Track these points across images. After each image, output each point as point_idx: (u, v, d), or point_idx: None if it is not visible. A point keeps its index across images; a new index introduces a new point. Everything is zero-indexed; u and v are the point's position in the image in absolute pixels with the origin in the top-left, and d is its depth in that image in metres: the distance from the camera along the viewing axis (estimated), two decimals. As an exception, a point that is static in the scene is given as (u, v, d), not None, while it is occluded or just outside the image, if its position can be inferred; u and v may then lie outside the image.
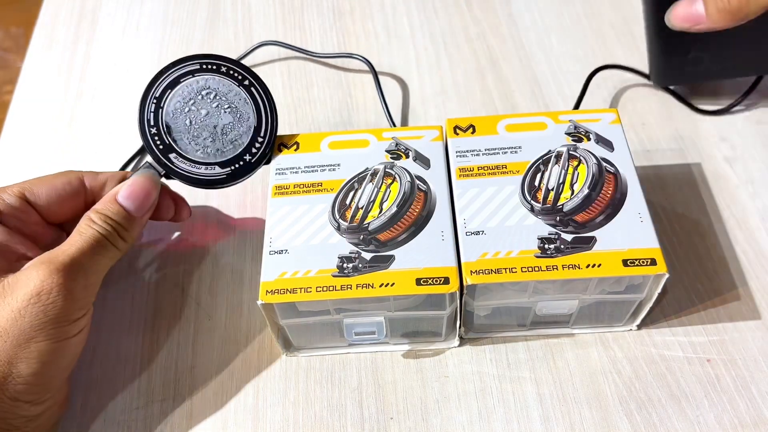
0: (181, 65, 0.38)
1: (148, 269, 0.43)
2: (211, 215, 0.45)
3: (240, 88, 0.39)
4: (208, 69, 0.38)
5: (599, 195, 0.36)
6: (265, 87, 0.39)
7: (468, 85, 0.52)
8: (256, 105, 0.39)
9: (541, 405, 0.36)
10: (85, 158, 0.49)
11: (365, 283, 0.33)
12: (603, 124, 0.39)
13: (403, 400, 0.37)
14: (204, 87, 0.38)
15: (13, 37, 1.37)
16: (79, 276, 0.32)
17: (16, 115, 0.52)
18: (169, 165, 0.38)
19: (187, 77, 0.38)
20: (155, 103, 0.38)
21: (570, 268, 0.33)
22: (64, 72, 0.55)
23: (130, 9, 0.59)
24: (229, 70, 0.39)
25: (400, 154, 0.39)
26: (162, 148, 0.38)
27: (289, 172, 0.38)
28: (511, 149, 0.38)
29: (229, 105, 0.39)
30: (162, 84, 0.38)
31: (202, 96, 0.38)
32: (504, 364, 0.37)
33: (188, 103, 0.38)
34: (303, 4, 0.59)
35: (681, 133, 0.48)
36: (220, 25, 0.57)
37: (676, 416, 0.35)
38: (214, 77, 0.38)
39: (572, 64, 0.52)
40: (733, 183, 0.45)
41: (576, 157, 0.37)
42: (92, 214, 0.34)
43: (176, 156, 0.38)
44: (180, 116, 0.38)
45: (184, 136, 0.38)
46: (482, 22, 0.56)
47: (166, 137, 0.37)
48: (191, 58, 0.38)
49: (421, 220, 0.36)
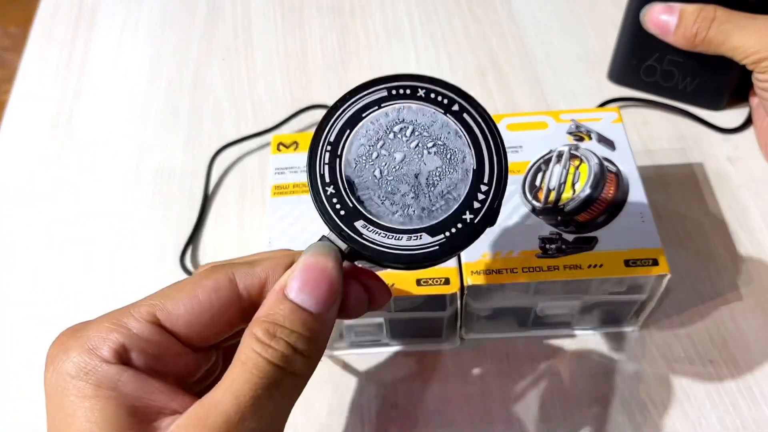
0: (359, 94, 0.27)
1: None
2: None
3: (448, 117, 0.27)
4: (399, 95, 0.27)
5: (601, 195, 0.36)
6: (483, 111, 0.27)
7: (468, 85, 0.51)
8: (473, 138, 0.27)
9: (542, 405, 0.36)
10: (84, 158, 0.49)
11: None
12: (604, 123, 0.39)
13: (403, 400, 0.36)
14: (396, 120, 0.27)
15: (11, 35, 1.36)
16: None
17: (13, 114, 0.52)
18: (355, 237, 0.25)
19: (372, 110, 0.27)
20: (329, 151, 0.26)
21: (571, 268, 0.33)
22: (62, 71, 0.54)
23: (129, 8, 0.59)
24: (430, 93, 0.27)
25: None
26: (344, 215, 0.25)
27: (288, 171, 0.38)
28: (512, 148, 0.38)
29: (434, 143, 0.27)
30: (338, 123, 0.27)
31: (395, 133, 0.27)
32: (504, 364, 0.37)
33: (376, 146, 0.26)
34: (303, 4, 0.59)
35: (683, 132, 0.48)
36: (220, 25, 0.57)
37: (677, 417, 0.35)
38: (409, 105, 0.27)
39: (573, 62, 0.52)
40: (735, 183, 0.44)
41: (577, 156, 0.37)
42: (256, 330, 0.22)
43: (365, 224, 0.25)
44: (366, 165, 0.26)
45: (374, 194, 0.26)
46: (482, 22, 0.56)
47: (348, 198, 0.26)
48: (373, 83, 0.27)
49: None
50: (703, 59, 0.43)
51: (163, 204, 0.46)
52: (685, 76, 0.47)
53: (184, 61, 0.55)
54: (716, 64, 0.44)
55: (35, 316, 0.41)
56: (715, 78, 0.46)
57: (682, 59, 0.46)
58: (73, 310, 0.41)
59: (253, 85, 0.53)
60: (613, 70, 0.50)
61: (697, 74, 0.46)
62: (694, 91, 0.48)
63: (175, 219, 0.45)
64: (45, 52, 0.56)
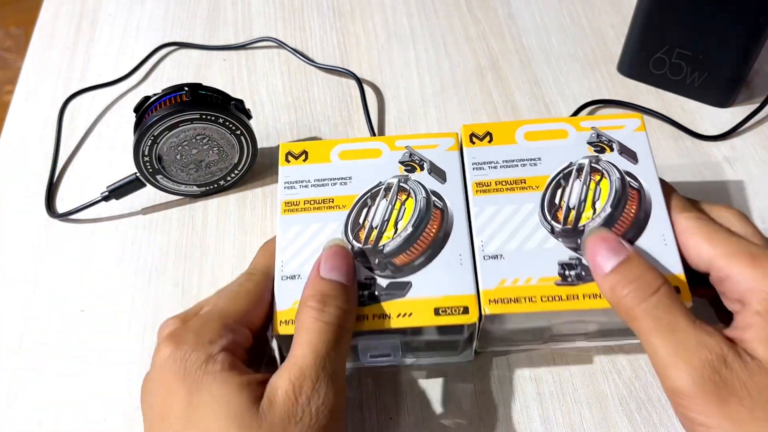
0: (183, 113, 0.41)
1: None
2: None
3: (231, 136, 0.43)
4: (206, 119, 0.42)
5: (622, 215, 0.34)
6: (253, 136, 0.44)
7: (468, 85, 0.52)
8: (241, 148, 0.44)
9: (541, 405, 0.36)
10: (85, 158, 0.49)
11: (381, 314, 0.32)
12: (627, 131, 0.36)
13: (402, 400, 0.36)
14: (200, 133, 0.42)
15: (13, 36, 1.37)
16: (331, 379, 0.29)
17: (16, 115, 0.52)
18: (155, 183, 0.44)
19: (187, 124, 0.41)
20: (152, 140, 0.41)
21: (591, 297, 0.32)
22: (64, 72, 0.55)
23: (131, 9, 0.59)
24: (225, 122, 0.42)
25: (415, 165, 0.37)
26: (151, 171, 0.43)
27: (298, 186, 0.36)
28: (531, 161, 0.36)
29: (218, 147, 0.44)
30: (162, 125, 0.41)
31: (197, 140, 0.42)
32: (504, 364, 0.37)
33: (182, 145, 0.42)
34: (303, 4, 0.59)
35: (680, 131, 0.48)
36: (221, 25, 0.57)
37: (675, 416, 0.35)
38: (211, 126, 0.42)
39: (572, 63, 0.52)
40: (733, 183, 0.45)
41: (598, 170, 0.35)
42: (310, 303, 0.31)
43: (162, 177, 0.44)
44: (172, 152, 0.42)
45: (173, 165, 0.43)
46: (482, 22, 0.56)
47: (156, 164, 0.43)
48: (195, 106, 0.41)
49: (438, 241, 0.34)
50: (712, 54, 0.42)
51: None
52: (694, 71, 0.46)
53: (185, 62, 0.55)
54: (725, 60, 0.43)
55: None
56: (724, 74, 0.46)
57: (690, 53, 0.45)
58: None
59: (253, 85, 0.53)
60: (622, 62, 0.50)
61: (705, 69, 0.46)
62: (701, 86, 0.47)
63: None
64: (47, 53, 0.56)
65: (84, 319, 0.41)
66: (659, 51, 0.47)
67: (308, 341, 0.30)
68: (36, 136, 0.51)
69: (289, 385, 0.28)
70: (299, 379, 0.29)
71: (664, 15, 0.45)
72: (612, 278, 0.30)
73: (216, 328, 0.31)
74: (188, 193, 0.46)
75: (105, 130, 0.51)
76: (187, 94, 0.41)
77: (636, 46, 0.48)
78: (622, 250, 0.31)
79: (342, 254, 0.33)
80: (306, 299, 0.31)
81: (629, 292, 0.30)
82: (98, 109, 0.52)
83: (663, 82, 0.49)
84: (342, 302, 0.31)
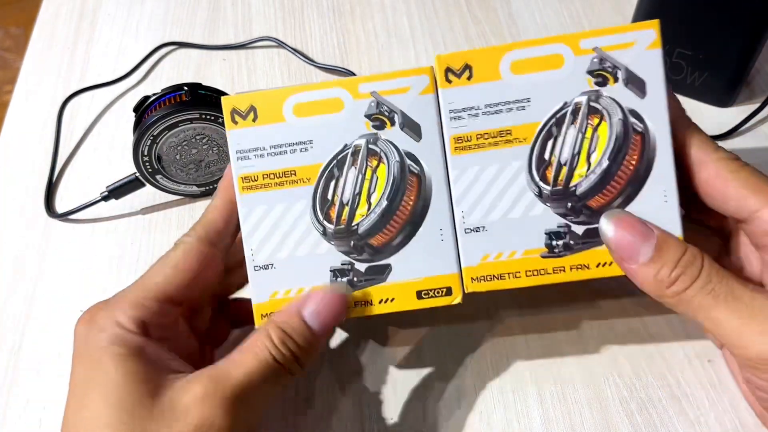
0: (182, 113, 0.41)
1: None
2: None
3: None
4: (206, 119, 0.41)
5: (620, 169, 0.30)
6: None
7: (468, 85, 0.52)
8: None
9: (541, 405, 0.36)
10: (85, 158, 0.49)
11: (363, 301, 0.31)
12: (638, 50, 0.30)
13: (402, 400, 0.36)
14: (199, 133, 0.42)
15: (12, 36, 1.37)
16: (244, 409, 0.27)
17: (15, 114, 0.52)
18: (154, 183, 0.44)
19: (186, 124, 0.41)
20: (151, 140, 0.41)
21: (579, 269, 0.30)
22: (63, 72, 0.55)
23: (131, 9, 0.59)
24: (218, 118, 0.42)
25: (384, 119, 0.31)
26: (150, 171, 0.43)
27: (252, 155, 0.31)
28: (518, 103, 0.30)
29: (218, 147, 0.43)
30: (161, 125, 0.41)
31: (196, 140, 0.42)
32: (504, 364, 0.37)
33: (182, 144, 0.42)
34: (303, 4, 0.59)
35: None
36: (220, 26, 0.57)
37: (676, 417, 0.35)
38: (210, 126, 0.42)
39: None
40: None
41: (597, 111, 0.30)
42: (272, 332, 0.29)
43: (162, 177, 0.44)
44: (172, 152, 0.42)
45: (172, 165, 0.43)
46: (482, 22, 0.56)
47: (156, 164, 0.43)
48: (195, 106, 0.41)
49: (416, 214, 0.31)
50: (713, 54, 0.42)
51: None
52: (694, 71, 0.46)
53: (185, 62, 0.55)
54: (725, 60, 0.43)
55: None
56: (725, 74, 0.46)
57: (691, 53, 0.45)
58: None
59: (253, 85, 0.53)
60: None
61: (706, 69, 0.46)
62: (701, 86, 0.47)
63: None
64: (47, 53, 0.56)
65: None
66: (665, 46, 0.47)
67: (248, 364, 0.28)
68: (35, 136, 0.50)
69: (199, 394, 0.27)
70: (212, 396, 0.27)
71: (664, 15, 0.45)
72: (652, 268, 0.28)
73: (127, 307, 0.29)
74: (188, 193, 0.46)
75: (104, 130, 0.51)
76: (186, 94, 0.41)
77: None
78: (650, 235, 0.28)
79: (335, 306, 0.30)
80: (273, 324, 0.29)
81: (678, 278, 0.28)
82: (98, 109, 0.52)
83: None
84: (303, 352, 0.29)
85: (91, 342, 0.28)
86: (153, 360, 0.28)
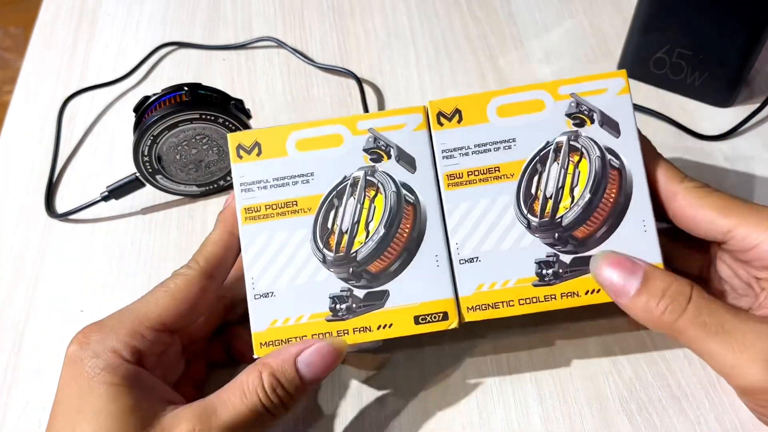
0: (182, 113, 0.41)
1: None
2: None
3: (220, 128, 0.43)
4: (206, 119, 0.41)
5: (601, 201, 0.32)
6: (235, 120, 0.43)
7: (468, 86, 0.52)
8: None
9: (541, 405, 0.36)
10: (85, 158, 0.49)
11: (362, 327, 0.32)
12: (609, 95, 0.33)
13: (402, 400, 0.36)
14: (199, 133, 0.42)
15: (12, 36, 1.37)
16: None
17: (15, 114, 0.52)
18: (154, 183, 0.44)
19: (186, 124, 0.41)
20: (151, 140, 0.41)
21: (569, 296, 0.32)
22: (63, 72, 0.55)
23: (131, 9, 0.59)
24: (225, 122, 0.42)
25: (381, 153, 0.33)
26: (150, 171, 0.43)
27: (256, 187, 0.33)
28: (504, 143, 0.33)
29: (218, 147, 0.43)
30: (161, 125, 0.41)
31: (196, 140, 0.42)
32: (504, 364, 0.37)
33: (182, 144, 0.42)
34: (303, 4, 0.59)
35: (680, 131, 0.48)
36: (220, 26, 0.57)
37: (676, 417, 0.35)
38: (210, 126, 0.42)
39: (573, 63, 0.52)
40: (732, 182, 0.44)
41: (577, 149, 0.33)
42: (264, 377, 0.29)
43: (162, 177, 0.44)
44: (172, 152, 0.42)
45: (172, 165, 0.43)
46: (482, 22, 0.56)
47: (156, 164, 0.43)
48: (195, 106, 0.41)
49: (412, 242, 0.32)
50: (713, 54, 0.42)
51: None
52: (694, 71, 0.46)
53: (185, 62, 0.55)
54: (726, 60, 0.43)
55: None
56: (725, 74, 0.46)
57: (691, 53, 0.45)
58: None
59: (253, 85, 0.53)
60: (623, 62, 0.50)
61: (706, 69, 0.46)
62: (701, 86, 0.47)
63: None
64: (47, 53, 0.56)
65: (84, 319, 0.40)
66: (659, 51, 0.47)
67: (236, 406, 0.29)
68: (35, 136, 0.50)
69: (188, 429, 0.28)
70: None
71: (664, 15, 0.45)
72: (641, 300, 0.29)
73: (124, 335, 0.29)
74: (188, 193, 0.46)
75: (104, 130, 0.51)
76: (186, 94, 0.41)
77: (636, 45, 0.48)
78: (637, 268, 0.30)
79: (330, 359, 0.31)
80: (267, 367, 0.30)
81: (665, 308, 0.28)
82: (98, 109, 0.52)
83: (663, 82, 0.49)
84: (290, 399, 0.30)
85: (84, 367, 0.29)
86: (145, 390, 0.29)
